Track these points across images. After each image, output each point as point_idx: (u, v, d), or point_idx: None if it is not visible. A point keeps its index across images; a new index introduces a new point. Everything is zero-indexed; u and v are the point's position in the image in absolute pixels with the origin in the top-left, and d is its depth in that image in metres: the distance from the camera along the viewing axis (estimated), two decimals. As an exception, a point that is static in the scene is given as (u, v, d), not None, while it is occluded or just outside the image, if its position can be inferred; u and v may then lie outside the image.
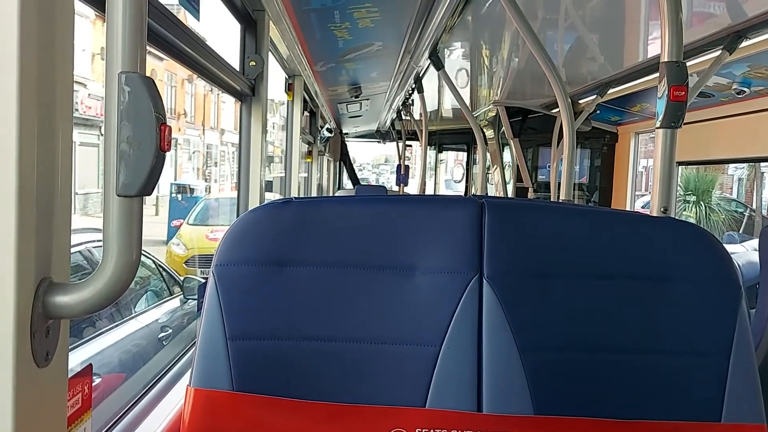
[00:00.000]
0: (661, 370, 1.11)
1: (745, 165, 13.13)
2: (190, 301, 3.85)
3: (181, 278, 4.22)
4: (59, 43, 0.67)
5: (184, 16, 1.62)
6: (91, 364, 0.85)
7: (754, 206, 12.72)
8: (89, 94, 13.27)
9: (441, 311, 1.09)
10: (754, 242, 5.06)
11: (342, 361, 1.09)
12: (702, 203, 12.57)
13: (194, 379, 1.08)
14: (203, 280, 3.43)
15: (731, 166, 13.51)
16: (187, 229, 9.52)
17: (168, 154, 0.70)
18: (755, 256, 2.59)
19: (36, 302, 0.65)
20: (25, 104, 0.62)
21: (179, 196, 12.62)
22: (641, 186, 10.46)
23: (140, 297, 3.95)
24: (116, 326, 3.12)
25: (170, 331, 3.48)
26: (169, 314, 3.84)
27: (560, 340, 1.11)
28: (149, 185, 0.67)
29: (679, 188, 12.98)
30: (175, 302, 4.04)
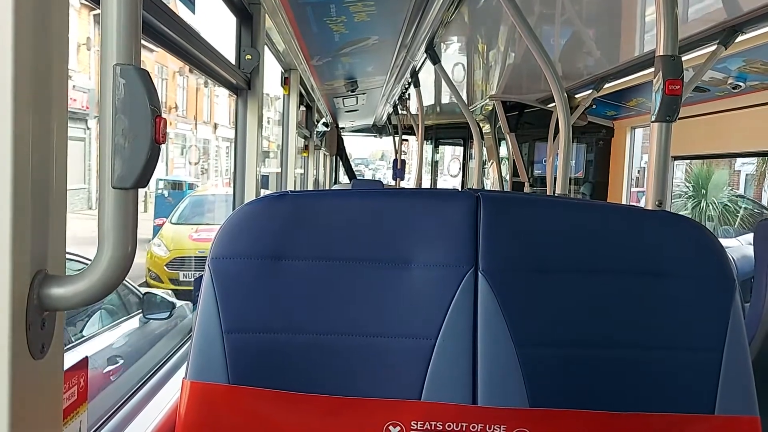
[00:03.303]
0: (655, 364, 1.12)
1: (755, 161, 12.94)
2: (151, 321, 3.25)
3: (142, 292, 3.59)
4: (54, 37, 0.67)
5: (175, 5, 1.61)
6: (86, 357, 0.85)
7: (764, 202, 12.49)
8: (74, 86, 12.95)
9: (436, 305, 1.10)
10: (749, 236, 5.08)
11: (338, 355, 1.10)
12: (715, 201, 12.31)
13: (190, 372, 1.08)
14: (167, 296, 3.15)
15: (738, 161, 13.30)
16: (169, 229, 8.83)
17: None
18: (750, 250, 2.60)
19: (31, 294, 0.65)
20: (21, 98, 0.62)
21: (166, 192, 11.77)
22: (643, 182, 10.33)
23: (90, 316, 3.26)
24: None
25: (121, 362, 2.79)
26: (124, 338, 3.23)
27: (555, 334, 1.11)
28: (144, 177, 0.67)
29: (688, 186, 12.69)
30: (133, 323, 3.42)
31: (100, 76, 0.68)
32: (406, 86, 4.97)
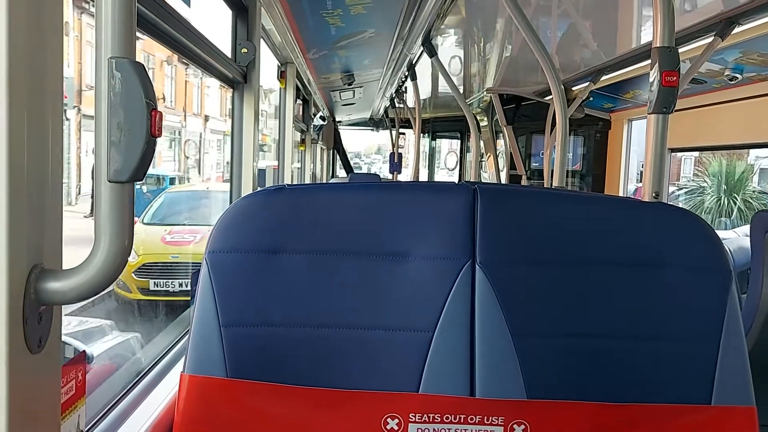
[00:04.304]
0: (652, 354, 1.12)
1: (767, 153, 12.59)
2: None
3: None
4: (49, 32, 0.67)
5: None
6: (84, 351, 0.85)
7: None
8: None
9: (434, 297, 1.10)
10: (746, 228, 5.09)
11: (336, 348, 1.10)
12: (737, 197, 11.81)
13: (188, 366, 1.09)
14: (70, 340, 2.65)
15: (752, 154, 12.96)
16: (139, 230, 7.36)
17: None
18: (746, 242, 2.61)
19: (28, 289, 0.65)
20: (16, 94, 0.62)
21: (144, 188, 10.37)
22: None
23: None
24: None
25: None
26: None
27: (552, 325, 1.12)
28: (140, 171, 0.67)
29: (707, 180, 12.23)
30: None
31: (95, 69, 0.67)
32: (403, 79, 4.96)
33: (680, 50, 1.44)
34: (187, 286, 5.99)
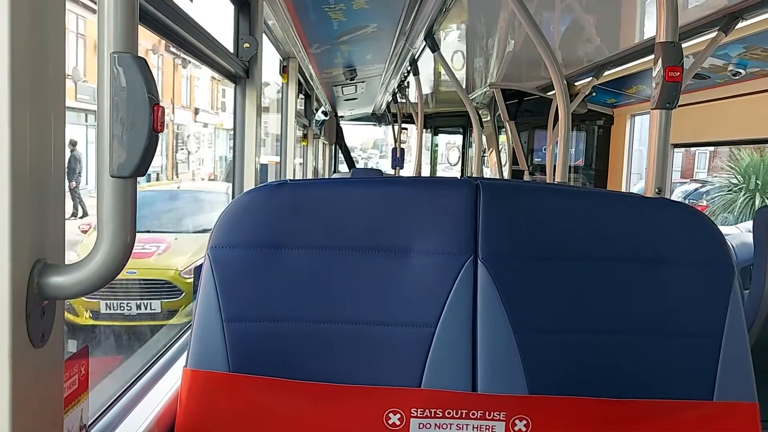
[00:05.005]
0: (654, 350, 1.12)
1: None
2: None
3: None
4: (51, 30, 0.67)
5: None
6: (87, 346, 0.85)
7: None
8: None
9: (436, 292, 1.10)
10: (749, 224, 5.07)
11: (338, 343, 1.10)
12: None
13: (191, 361, 1.09)
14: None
15: None
16: (89, 242, 5.27)
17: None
18: (749, 238, 2.61)
19: (31, 283, 0.65)
20: (18, 91, 0.62)
21: None
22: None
23: None
24: None
25: None
26: None
27: (554, 321, 1.12)
28: (143, 166, 0.67)
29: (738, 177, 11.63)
30: None
31: (97, 64, 0.67)
32: (406, 74, 4.95)
33: (684, 45, 1.43)
34: (146, 309, 5.34)
